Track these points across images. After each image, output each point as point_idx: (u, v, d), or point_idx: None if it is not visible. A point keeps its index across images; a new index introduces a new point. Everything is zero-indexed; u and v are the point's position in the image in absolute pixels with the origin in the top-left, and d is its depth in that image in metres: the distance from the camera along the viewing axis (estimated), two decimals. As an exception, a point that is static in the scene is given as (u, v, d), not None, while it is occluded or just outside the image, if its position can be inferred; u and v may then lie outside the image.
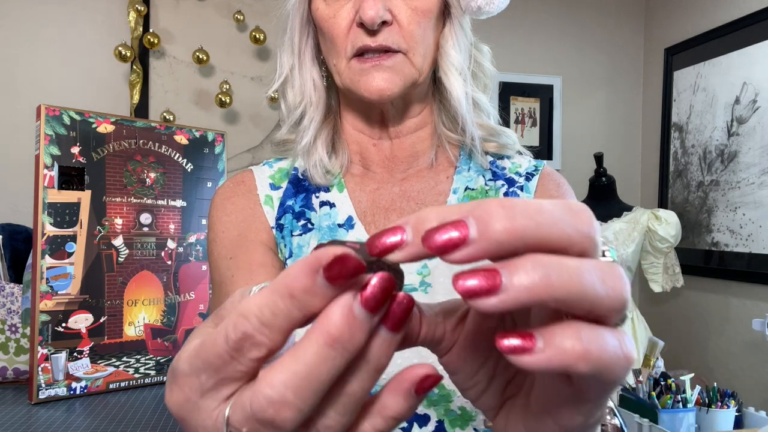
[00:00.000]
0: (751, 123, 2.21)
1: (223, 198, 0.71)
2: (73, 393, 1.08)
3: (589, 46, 2.77)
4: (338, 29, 0.62)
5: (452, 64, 0.67)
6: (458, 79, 0.67)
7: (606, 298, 0.22)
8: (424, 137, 0.71)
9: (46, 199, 1.06)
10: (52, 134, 1.07)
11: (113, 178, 1.15)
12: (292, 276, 0.23)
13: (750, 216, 2.21)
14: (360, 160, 0.72)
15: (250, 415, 0.23)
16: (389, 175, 0.71)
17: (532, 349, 0.22)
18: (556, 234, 0.22)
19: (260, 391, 0.23)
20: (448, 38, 0.67)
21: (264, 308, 0.23)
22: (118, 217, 1.15)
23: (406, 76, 0.62)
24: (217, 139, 1.30)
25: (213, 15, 2.33)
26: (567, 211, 0.23)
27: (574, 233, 0.23)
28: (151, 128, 1.20)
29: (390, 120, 0.69)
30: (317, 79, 0.69)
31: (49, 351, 1.06)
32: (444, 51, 0.67)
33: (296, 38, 0.69)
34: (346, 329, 0.23)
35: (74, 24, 2.18)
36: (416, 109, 0.70)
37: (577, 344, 0.22)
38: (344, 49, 0.63)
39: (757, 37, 2.20)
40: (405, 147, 0.70)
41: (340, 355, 0.23)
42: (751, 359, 2.22)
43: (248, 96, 2.36)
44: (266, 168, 0.74)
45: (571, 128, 2.76)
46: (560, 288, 0.21)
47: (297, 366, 0.23)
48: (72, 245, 1.09)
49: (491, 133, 0.71)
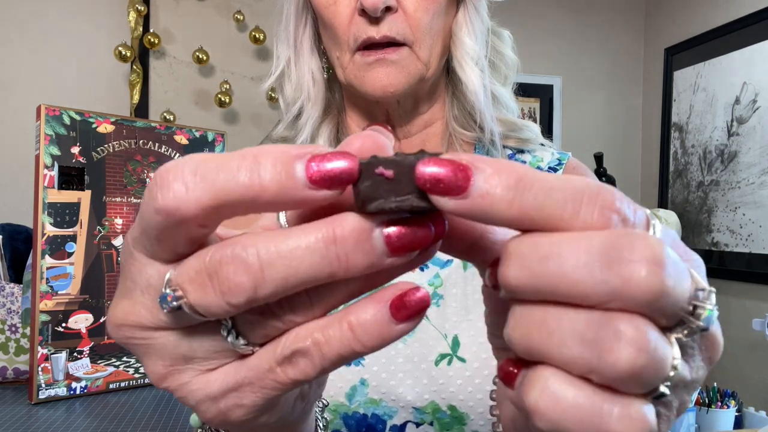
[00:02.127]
0: (751, 123, 2.21)
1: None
2: (73, 393, 1.08)
3: (589, 46, 2.77)
4: (339, 17, 0.57)
5: (467, 54, 0.60)
6: (474, 70, 0.60)
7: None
8: (435, 134, 0.65)
9: (46, 199, 1.06)
10: (52, 134, 1.07)
11: (113, 178, 1.15)
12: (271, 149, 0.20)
13: (750, 216, 2.21)
14: None
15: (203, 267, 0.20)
16: None
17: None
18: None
19: (230, 248, 0.20)
20: (462, 25, 0.61)
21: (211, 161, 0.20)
22: (118, 217, 1.15)
23: (411, 72, 0.57)
24: (217, 139, 1.30)
25: (213, 15, 2.33)
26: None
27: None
28: (151, 128, 1.20)
29: (397, 119, 0.63)
30: (316, 71, 0.63)
31: (49, 351, 1.06)
32: (458, 39, 0.61)
33: (291, 27, 0.63)
34: (351, 243, 0.20)
35: (74, 24, 2.18)
36: (426, 105, 0.64)
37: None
38: (347, 42, 0.57)
39: (757, 37, 2.20)
40: (414, 146, 0.65)
41: (332, 261, 0.20)
42: (751, 359, 2.22)
43: (248, 96, 2.36)
44: None
45: (571, 128, 2.76)
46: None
47: (283, 244, 0.20)
48: (72, 245, 1.09)
49: (512, 128, 0.65)
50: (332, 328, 0.22)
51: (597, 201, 0.20)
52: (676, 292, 0.19)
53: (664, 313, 0.19)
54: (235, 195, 0.20)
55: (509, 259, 0.20)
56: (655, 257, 0.18)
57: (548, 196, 0.20)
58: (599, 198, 0.20)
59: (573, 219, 0.20)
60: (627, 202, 0.20)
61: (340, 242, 0.20)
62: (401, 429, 0.58)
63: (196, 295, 0.21)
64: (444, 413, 0.57)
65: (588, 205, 0.20)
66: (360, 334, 0.21)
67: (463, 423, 0.56)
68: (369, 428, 0.57)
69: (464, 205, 0.20)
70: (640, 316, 0.19)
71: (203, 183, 0.20)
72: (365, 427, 0.57)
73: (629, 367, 0.18)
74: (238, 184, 0.19)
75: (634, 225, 0.20)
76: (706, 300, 0.20)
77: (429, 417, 0.57)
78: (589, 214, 0.20)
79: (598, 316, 0.19)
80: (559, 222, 0.20)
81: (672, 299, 0.19)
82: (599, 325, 0.19)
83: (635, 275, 0.18)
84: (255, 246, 0.20)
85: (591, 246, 0.19)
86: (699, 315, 0.19)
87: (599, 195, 0.20)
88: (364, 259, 0.20)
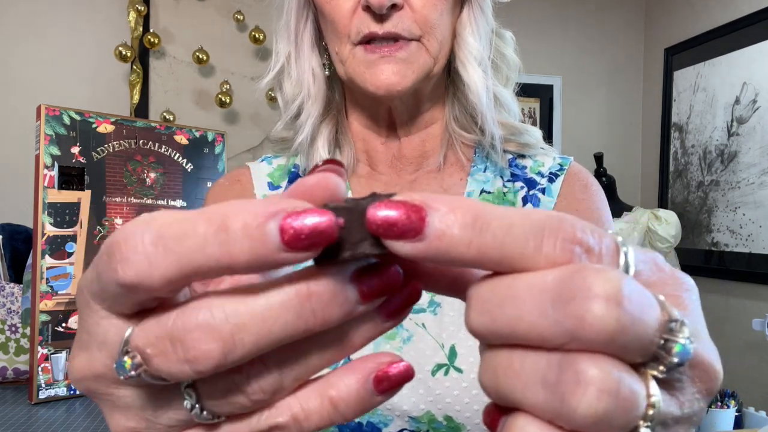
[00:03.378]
0: (751, 123, 2.21)
1: (215, 197, 0.67)
2: (73, 393, 1.08)
3: (589, 46, 2.77)
4: (341, 10, 0.56)
5: (471, 54, 0.59)
6: (477, 71, 0.60)
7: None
8: (435, 134, 0.65)
9: (46, 199, 1.06)
10: (52, 134, 1.07)
11: (113, 178, 1.15)
12: (239, 210, 0.18)
13: (750, 216, 2.21)
14: (366, 159, 0.66)
15: (165, 333, 0.19)
16: (397, 176, 0.65)
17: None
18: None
19: (194, 311, 0.19)
20: (467, 24, 0.60)
21: (174, 227, 0.18)
22: (118, 217, 1.15)
23: (420, 67, 0.56)
24: (217, 139, 1.30)
25: (213, 15, 2.33)
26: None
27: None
28: (151, 128, 1.20)
29: (399, 117, 0.62)
30: (317, 68, 0.62)
31: (49, 351, 1.06)
32: (461, 38, 0.60)
33: (292, 22, 0.62)
34: (326, 297, 0.19)
35: (74, 24, 2.18)
36: (428, 104, 0.63)
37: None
38: (347, 35, 0.56)
39: (757, 37, 2.20)
40: (414, 146, 0.64)
41: (308, 318, 0.19)
42: (751, 359, 2.22)
43: (248, 96, 2.36)
44: (264, 165, 0.69)
45: (571, 128, 2.76)
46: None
47: (254, 303, 0.19)
48: (72, 245, 1.09)
49: (512, 132, 0.64)
50: (312, 402, 0.21)
51: (558, 234, 0.19)
52: (637, 328, 0.17)
53: (629, 351, 0.18)
54: (204, 267, 0.18)
55: (470, 305, 0.20)
56: (610, 292, 0.17)
57: (508, 233, 0.18)
58: (560, 231, 0.19)
59: (536, 256, 0.19)
60: (591, 232, 0.19)
61: (315, 297, 0.19)
62: None
63: (157, 361, 0.19)
64: (440, 423, 0.56)
65: (549, 239, 0.18)
66: (342, 409, 0.21)
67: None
68: None
69: (420, 248, 0.18)
70: (604, 356, 0.17)
71: (166, 255, 0.18)
72: None
73: (593, 410, 0.17)
74: (205, 254, 0.18)
75: (600, 254, 0.19)
76: (678, 332, 0.18)
77: (425, 426, 0.56)
78: (551, 249, 0.18)
79: (559, 358, 0.18)
80: (521, 260, 0.19)
81: (633, 336, 0.17)
82: (560, 368, 0.17)
83: (588, 314, 0.17)
84: (223, 308, 0.19)
85: (545, 285, 0.18)
86: (670, 349, 0.18)
87: (560, 228, 0.19)
88: (340, 311, 0.19)
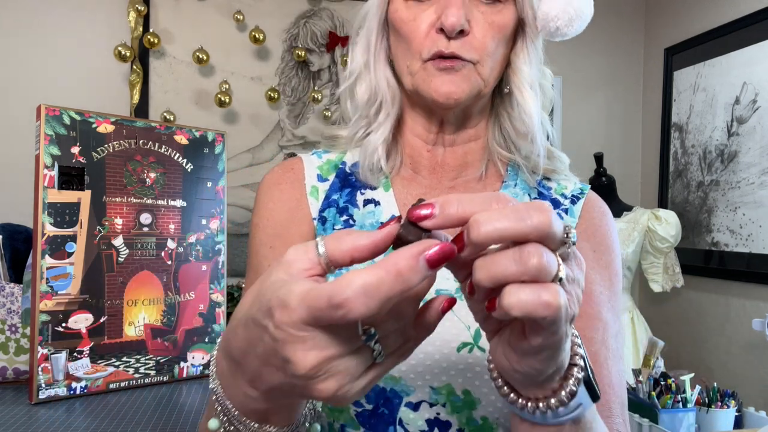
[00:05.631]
0: (751, 123, 2.21)
1: (271, 183, 0.73)
2: (73, 393, 1.08)
3: (589, 46, 2.77)
4: (418, 32, 0.64)
5: (525, 79, 0.68)
6: (530, 93, 0.68)
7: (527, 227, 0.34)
8: (476, 149, 0.72)
9: (46, 199, 1.06)
10: (52, 134, 1.07)
11: (113, 178, 1.15)
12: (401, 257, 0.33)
13: (750, 216, 2.21)
14: (411, 163, 0.73)
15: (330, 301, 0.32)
16: (437, 181, 0.72)
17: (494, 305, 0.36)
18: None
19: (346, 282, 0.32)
20: (520, 54, 0.69)
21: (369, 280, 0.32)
22: (118, 217, 1.15)
23: (472, 84, 0.64)
24: (217, 139, 1.30)
25: (213, 15, 2.33)
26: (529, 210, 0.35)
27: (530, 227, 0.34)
28: (151, 128, 1.20)
29: (447, 127, 0.70)
30: (390, 78, 0.71)
31: (49, 351, 1.06)
32: (516, 66, 0.69)
33: (373, 38, 0.71)
34: (408, 270, 0.33)
35: (74, 24, 2.18)
36: (473, 121, 0.71)
37: (511, 298, 0.34)
38: (419, 52, 0.64)
39: (757, 37, 2.20)
40: (457, 156, 0.72)
41: (402, 283, 0.33)
42: (751, 359, 2.22)
43: (248, 96, 2.36)
44: (315, 158, 0.75)
45: (571, 128, 2.76)
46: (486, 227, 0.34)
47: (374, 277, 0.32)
48: (72, 245, 1.09)
49: (548, 155, 0.72)
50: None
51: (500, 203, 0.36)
52: (556, 230, 0.35)
53: (552, 242, 0.35)
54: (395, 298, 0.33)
55: (471, 226, 0.34)
56: (546, 214, 0.34)
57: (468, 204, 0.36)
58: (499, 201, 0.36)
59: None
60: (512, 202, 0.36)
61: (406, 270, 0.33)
62: (416, 407, 0.62)
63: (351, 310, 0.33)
64: (458, 397, 0.61)
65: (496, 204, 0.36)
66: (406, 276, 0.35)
67: (473, 408, 0.61)
68: (386, 401, 0.62)
69: (437, 221, 0.36)
70: (539, 244, 0.34)
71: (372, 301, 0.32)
72: (383, 399, 0.62)
73: (538, 263, 0.34)
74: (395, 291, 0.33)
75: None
76: (571, 230, 0.37)
77: (443, 399, 0.61)
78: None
79: (519, 249, 0.34)
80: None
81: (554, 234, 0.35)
82: (520, 253, 0.34)
83: (535, 221, 0.34)
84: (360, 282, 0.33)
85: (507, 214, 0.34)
86: (569, 238, 0.37)
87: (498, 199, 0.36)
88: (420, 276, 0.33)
